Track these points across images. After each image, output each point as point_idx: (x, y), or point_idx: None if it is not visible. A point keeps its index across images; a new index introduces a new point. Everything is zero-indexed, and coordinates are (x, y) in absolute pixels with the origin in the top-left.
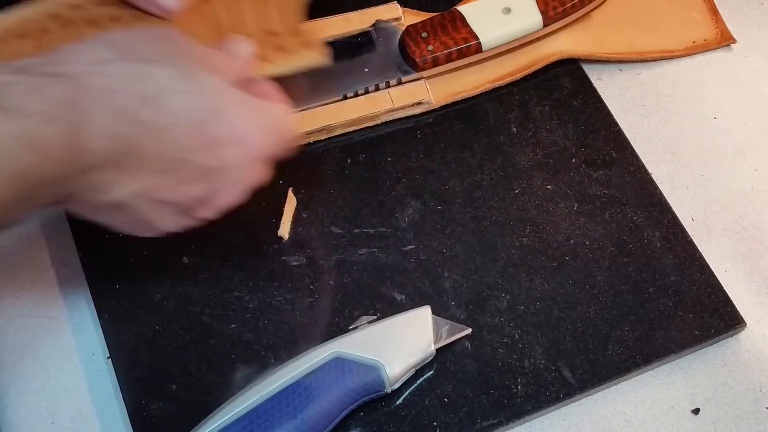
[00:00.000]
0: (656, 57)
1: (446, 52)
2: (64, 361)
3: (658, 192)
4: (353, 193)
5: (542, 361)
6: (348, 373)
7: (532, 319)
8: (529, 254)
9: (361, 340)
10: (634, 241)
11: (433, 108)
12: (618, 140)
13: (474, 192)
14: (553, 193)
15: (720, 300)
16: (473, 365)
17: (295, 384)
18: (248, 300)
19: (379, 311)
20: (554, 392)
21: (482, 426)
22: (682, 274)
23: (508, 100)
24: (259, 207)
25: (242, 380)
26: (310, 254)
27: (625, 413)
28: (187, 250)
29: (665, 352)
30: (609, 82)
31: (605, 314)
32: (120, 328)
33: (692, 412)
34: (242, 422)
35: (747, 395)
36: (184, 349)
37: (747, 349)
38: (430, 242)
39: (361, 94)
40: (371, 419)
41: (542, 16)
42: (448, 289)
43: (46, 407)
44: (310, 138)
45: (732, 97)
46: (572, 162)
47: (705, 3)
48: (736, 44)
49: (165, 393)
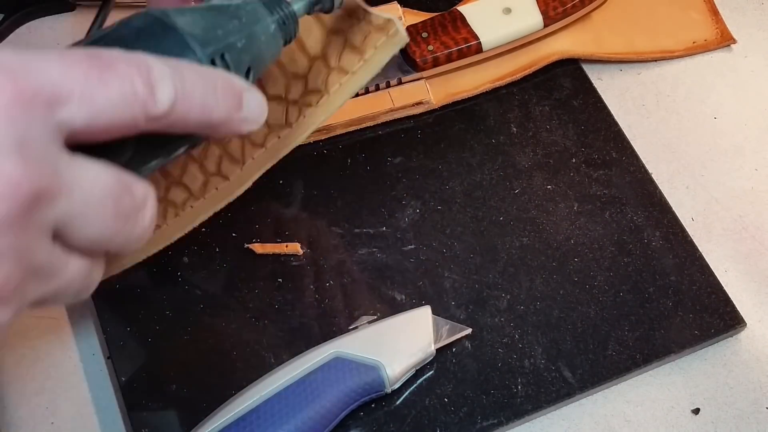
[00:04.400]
0: (656, 57)
1: (446, 52)
2: (64, 361)
3: (658, 192)
4: (353, 193)
5: (542, 361)
6: (348, 373)
7: (532, 319)
8: (529, 254)
9: (361, 340)
10: (634, 241)
11: (433, 108)
12: (618, 140)
13: (474, 192)
14: (553, 193)
15: (720, 300)
16: (473, 365)
17: (295, 384)
18: (248, 300)
19: (379, 311)
20: (554, 392)
21: (482, 426)
22: (682, 274)
23: (508, 100)
24: (258, 207)
25: (242, 380)
26: (310, 254)
27: (625, 413)
28: (187, 250)
29: (665, 352)
30: (609, 82)
31: (605, 314)
32: (120, 328)
33: (692, 412)
34: (242, 422)
35: (747, 395)
36: (184, 349)
37: (747, 349)
38: (430, 242)
39: (361, 94)
40: (371, 419)
41: (542, 17)
42: (448, 289)
43: (46, 407)
44: (310, 138)
45: (732, 97)
46: (572, 162)
47: (705, 3)
48: (736, 44)
49: (165, 393)
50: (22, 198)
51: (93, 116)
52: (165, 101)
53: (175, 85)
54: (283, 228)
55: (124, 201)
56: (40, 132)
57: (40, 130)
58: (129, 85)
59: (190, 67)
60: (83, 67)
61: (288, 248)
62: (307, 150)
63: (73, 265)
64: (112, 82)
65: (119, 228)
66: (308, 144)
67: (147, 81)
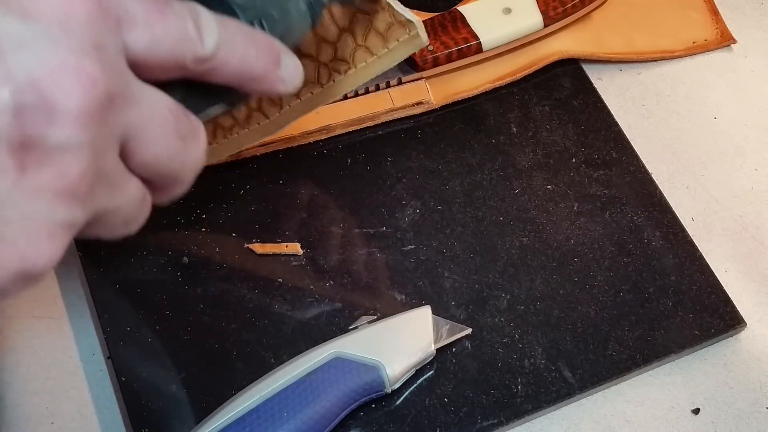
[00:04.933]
0: (656, 57)
1: (446, 52)
2: (64, 361)
3: (658, 192)
4: (353, 193)
5: (542, 361)
6: (348, 373)
7: (532, 319)
8: (529, 254)
9: (361, 340)
10: (634, 241)
11: (433, 108)
12: (618, 140)
13: (474, 192)
14: (553, 193)
15: (720, 300)
16: (473, 365)
17: (295, 384)
18: (248, 300)
19: (379, 311)
20: (554, 392)
21: (482, 426)
22: (682, 274)
23: (508, 100)
24: (259, 207)
25: (242, 380)
26: (310, 254)
27: (625, 413)
28: (187, 250)
29: (665, 352)
30: (609, 82)
31: (605, 314)
32: (120, 327)
33: (692, 412)
34: (242, 422)
35: (747, 395)
36: (184, 349)
37: (747, 349)
38: (430, 242)
39: (361, 94)
40: (371, 419)
41: (543, 17)
42: (448, 289)
43: (46, 407)
44: (310, 138)
45: (732, 97)
46: (572, 162)
47: (705, 3)
48: (736, 44)
49: (165, 393)
50: (100, 95)
51: (152, 45)
52: (210, 44)
53: (220, 33)
54: (283, 228)
55: (183, 123)
56: (113, 43)
57: (113, 42)
58: (182, 23)
59: (234, 22)
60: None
61: (288, 248)
62: (307, 150)
63: (132, 185)
64: (170, 18)
65: (178, 149)
66: (308, 144)
67: (197, 23)
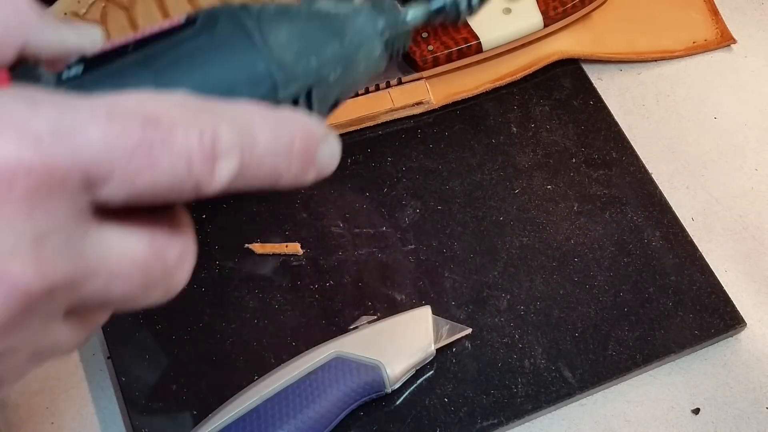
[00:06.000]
0: (656, 57)
1: (446, 52)
2: (64, 361)
3: (658, 192)
4: (353, 193)
5: (542, 361)
6: (348, 373)
7: (532, 319)
8: (529, 254)
9: (361, 340)
10: (634, 241)
11: (433, 108)
12: (618, 140)
13: (474, 192)
14: (553, 193)
15: (720, 300)
16: (473, 365)
17: (295, 384)
18: (248, 300)
19: (379, 311)
20: (554, 392)
21: (482, 426)
22: (682, 274)
23: (508, 100)
24: (259, 207)
25: (242, 380)
26: (310, 254)
27: (625, 413)
28: None
29: (665, 352)
30: (609, 82)
31: (605, 314)
32: (120, 328)
33: (692, 412)
34: (242, 422)
35: (747, 395)
36: (184, 349)
37: (747, 349)
38: (430, 242)
39: (361, 94)
40: (371, 419)
41: (542, 17)
42: (448, 289)
43: (46, 407)
44: None
45: (732, 97)
46: (572, 162)
47: (705, 3)
48: (736, 44)
49: (165, 393)
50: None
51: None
52: (224, 178)
53: (243, 157)
54: (283, 228)
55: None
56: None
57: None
58: (184, 163)
59: (267, 125)
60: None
61: (288, 248)
62: None
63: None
64: (163, 161)
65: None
66: None
67: (209, 155)
